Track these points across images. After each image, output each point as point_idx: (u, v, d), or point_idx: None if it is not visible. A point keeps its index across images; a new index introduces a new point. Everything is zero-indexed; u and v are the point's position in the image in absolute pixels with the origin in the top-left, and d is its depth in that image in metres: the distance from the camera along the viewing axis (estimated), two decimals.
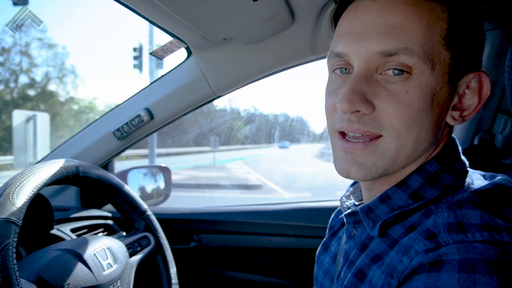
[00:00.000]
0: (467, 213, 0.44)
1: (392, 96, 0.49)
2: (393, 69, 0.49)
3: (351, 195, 0.71)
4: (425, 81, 0.49)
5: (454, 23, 0.50)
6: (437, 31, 0.49)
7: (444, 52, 0.50)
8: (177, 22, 0.88)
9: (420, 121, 0.50)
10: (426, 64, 0.48)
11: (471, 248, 0.41)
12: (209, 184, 10.48)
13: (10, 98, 21.14)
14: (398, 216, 0.53)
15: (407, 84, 0.49)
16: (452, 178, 0.53)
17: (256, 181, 10.77)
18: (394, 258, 0.49)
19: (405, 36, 0.48)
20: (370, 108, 0.50)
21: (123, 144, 1.31)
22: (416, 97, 0.49)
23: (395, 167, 0.52)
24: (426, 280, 0.42)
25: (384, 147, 0.51)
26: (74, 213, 1.26)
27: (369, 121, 0.50)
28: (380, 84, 0.50)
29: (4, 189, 0.68)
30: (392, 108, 0.49)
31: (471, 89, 0.53)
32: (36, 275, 0.70)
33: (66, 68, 26.24)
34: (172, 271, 1.07)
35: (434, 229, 0.45)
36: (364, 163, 0.52)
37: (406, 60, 0.48)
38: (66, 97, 23.70)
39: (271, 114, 21.28)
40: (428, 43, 0.48)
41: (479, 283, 0.38)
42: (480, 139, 1.11)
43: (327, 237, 0.76)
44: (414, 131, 0.50)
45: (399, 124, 0.49)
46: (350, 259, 0.58)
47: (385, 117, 0.50)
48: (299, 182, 10.62)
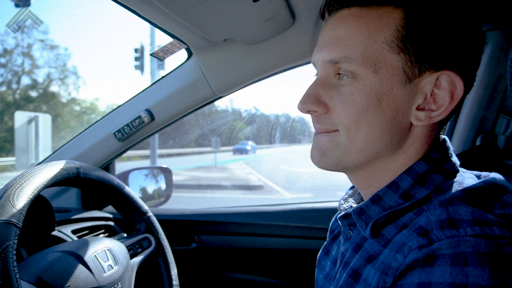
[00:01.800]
0: (459, 210, 0.45)
1: (341, 97, 0.55)
2: (342, 74, 0.55)
3: (349, 198, 0.72)
4: (368, 84, 0.53)
5: (410, 24, 0.52)
6: (379, 38, 0.53)
7: (390, 56, 0.53)
8: (177, 23, 0.88)
9: (367, 119, 0.54)
10: (367, 68, 0.53)
11: (462, 242, 0.42)
12: (211, 185, 10.49)
13: (12, 99, 21.21)
14: (390, 216, 0.54)
15: (353, 86, 0.54)
16: (441, 177, 0.54)
17: (258, 181, 10.77)
18: (388, 255, 0.50)
19: (346, 46, 0.54)
20: (323, 109, 0.57)
21: (124, 145, 1.31)
22: (359, 97, 0.54)
23: (349, 159, 0.57)
24: (420, 275, 0.43)
25: (339, 139, 0.57)
26: (75, 214, 1.26)
27: (324, 120, 0.58)
28: (335, 87, 0.56)
29: (5, 191, 0.68)
30: (339, 108, 0.55)
31: (442, 89, 0.53)
32: (36, 277, 0.70)
33: (68, 69, 26.29)
34: (173, 272, 1.07)
35: (427, 226, 0.46)
36: (322, 148, 0.59)
37: (347, 66, 0.54)
38: (68, 98, 23.77)
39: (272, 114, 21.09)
40: (369, 50, 0.53)
41: (471, 275, 0.39)
42: (482, 140, 1.11)
43: (327, 241, 0.76)
44: (363, 128, 0.55)
45: (347, 121, 0.55)
46: (345, 260, 0.59)
47: (335, 115, 0.56)
48: (300, 183, 10.62)
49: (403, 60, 0.52)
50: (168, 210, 1.52)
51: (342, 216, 0.63)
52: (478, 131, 1.12)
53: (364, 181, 0.61)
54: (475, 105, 1.10)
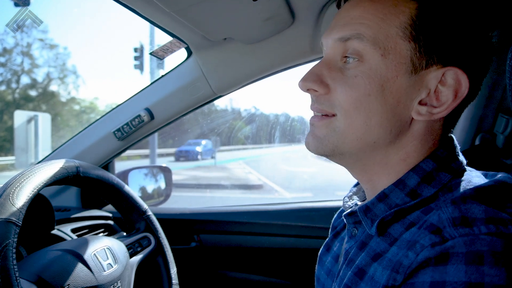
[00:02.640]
0: (472, 208, 0.45)
1: (344, 79, 0.54)
2: (349, 57, 0.54)
3: (353, 195, 0.71)
4: (374, 67, 0.52)
5: (422, 17, 0.52)
6: (394, 22, 0.52)
7: (402, 43, 0.52)
8: (177, 22, 0.88)
9: (368, 105, 0.53)
10: (376, 50, 0.52)
11: (477, 240, 0.41)
12: (210, 184, 10.49)
13: (11, 98, 21.19)
14: (396, 214, 0.53)
15: (357, 69, 0.53)
16: (448, 176, 0.53)
17: (257, 181, 10.77)
18: (396, 253, 0.49)
19: (359, 24, 0.53)
20: (323, 89, 0.56)
21: (124, 144, 1.31)
22: (362, 81, 0.53)
23: (345, 146, 0.56)
24: (433, 274, 0.42)
25: (336, 124, 0.56)
26: (75, 213, 1.26)
27: (324, 101, 0.56)
28: (340, 70, 0.55)
29: (4, 190, 0.68)
30: (341, 90, 0.54)
31: (447, 86, 0.52)
32: (36, 275, 0.70)
33: (68, 69, 26.25)
34: (173, 271, 1.07)
35: (439, 224, 0.45)
36: (318, 135, 0.58)
37: (357, 44, 0.53)
38: (67, 97, 23.74)
39: (272, 114, 21.04)
40: (382, 32, 0.52)
41: (487, 275, 0.39)
42: (481, 139, 1.11)
43: (329, 238, 0.76)
44: (362, 114, 0.53)
45: (347, 104, 0.54)
46: (349, 258, 0.59)
47: (335, 97, 0.55)
48: (300, 182, 10.62)
49: (413, 49, 0.52)
50: (167, 209, 1.52)
51: (347, 214, 0.62)
52: (477, 130, 1.12)
53: (363, 173, 0.60)
54: (474, 104, 1.10)
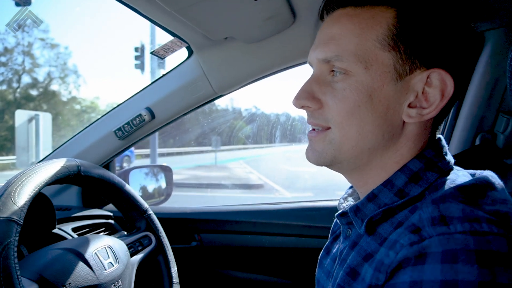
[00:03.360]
0: (450, 207, 0.46)
1: (334, 93, 0.57)
2: (336, 71, 0.57)
3: (348, 197, 0.73)
4: (360, 80, 0.55)
5: (402, 24, 0.53)
6: (371, 36, 0.54)
7: (382, 54, 0.54)
8: (178, 21, 0.88)
9: (359, 115, 0.55)
10: (358, 65, 0.54)
11: (452, 239, 0.42)
12: (211, 184, 10.49)
13: (12, 98, 21.20)
14: (385, 213, 0.55)
15: (345, 82, 0.56)
16: (435, 175, 0.55)
17: (258, 180, 10.77)
18: (382, 253, 0.51)
19: (337, 45, 0.56)
20: (316, 104, 0.58)
21: (125, 143, 1.31)
22: (351, 93, 0.55)
23: (343, 155, 0.58)
24: (412, 274, 0.43)
25: (331, 137, 0.58)
26: (76, 212, 1.26)
27: (318, 115, 0.59)
28: (329, 84, 0.58)
29: (6, 188, 0.68)
30: (332, 104, 0.57)
31: (433, 87, 0.54)
32: (37, 274, 0.70)
33: (68, 68, 26.22)
34: (173, 270, 1.07)
35: (419, 223, 0.47)
36: (316, 149, 0.61)
37: (339, 64, 0.55)
38: (68, 97, 23.72)
39: (272, 113, 20.97)
40: (360, 48, 0.54)
41: (461, 272, 0.40)
42: (481, 139, 1.11)
43: (329, 241, 0.77)
44: (355, 124, 0.56)
45: (339, 117, 0.56)
46: (342, 257, 0.60)
47: (328, 111, 0.58)
48: (300, 182, 10.61)
49: (394, 58, 0.54)
50: (168, 209, 1.52)
51: (339, 215, 0.64)
52: (477, 130, 1.12)
53: (360, 179, 0.62)
54: (475, 104, 1.10)
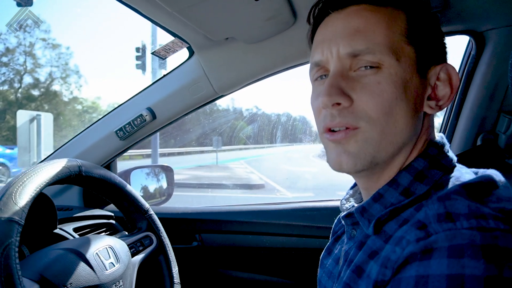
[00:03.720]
0: (456, 204, 0.46)
1: (367, 87, 0.54)
2: (364, 66, 0.55)
3: (350, 198, 0.73)
4: (394, 72, 0.54)
5: (412, 24, 0.56)
6: (396, 29, 0.55)
7: (407, 47, 0.55)
8: (179, 21, 0.88)
9: (396, 109, 0.54)
10: (391, 57, 0.54)
11: (459, 234, 0.42)
12: (212, 184, 10.49)
13: (14, 98, 21.25)
14: (391, 213, 0.55)
15: (378, 76, 0.54)
16: (440, 173, 0.55)
17: (259, 180, 10.76)
18: (388, 250, 0.51)
19: (367, 37, 0.54)
20: (348, 100, 0.54)
21: (126, 144, 1.31)
22: (388, 86, 0.53)
23: (382, 154, 0.55)
24: (418, 268, 0.43)
25: (366, 136, 0.55)
26: (77, 212, 1.26)
27: (348, 113, 0.55)
28: (355, 79, 0.55)
29: (7, 189, 0.68)
30: (367, 99, 0.54)
31: (442, 80, 0.58)
32: (38, 274, 0.70)
33: (70, 68, 26.27)
34: (174, 270, 1.07)
35: (425, 220, 0.47)
36: (351, 151, 0.56)
37: (370, 58, 0.54)
38: (69, 97, 23.76)
39: (273, 113, 20.92)
40: (390, 40, 0.54)
41: (467, 267, 0.40)
42: (483, 139, 1.11)
43: (330, 242, 0.77)
44: (391, 118, 0.54)
45: (375, 113, 0.54)
46: (349, 258, 0.60)
47: (361, 108, 0.54)
48: (301, 182, 10.61)
49: (416, 52, 0.56)
50: (169, 209, 1.52)
51: (345, 216, 0.63)
52: (479, 131, 1.12)
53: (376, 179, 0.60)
54: (476, 105, 1.10)
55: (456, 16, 0.96)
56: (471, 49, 1.12)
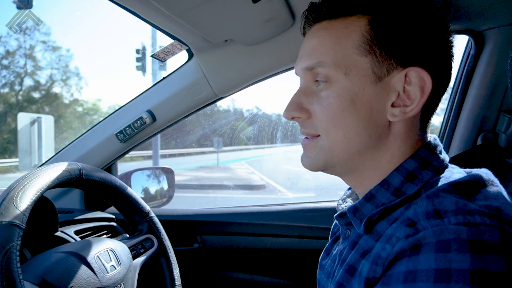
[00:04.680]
0: (444, 201, 0.47)
1: (319, 102, 0.60)
2: (319, 80, 0.60)
3: (347, 198, 0.74)
4: (341, 86, 0.57)
5: (376, 28, 0.56)
6: (347, 43, 0.57)
7: (359, 59, 0.57)
8: (178, 24, 0.89)
9: (343, 120, 0.58)
10: (338, 72, 0.57)
11: (446, 230, 0.44)
12: (213, 185, 10.49)
13: (15, 100, 21.29)
14: (383, 213, 0.56)
15: (328, 90, 0.58)
16: (430, 173, 0.57)
17: (260, 181, 10.76)
18: (379, 247, 0.52)
19: (319, 53, 0.59)
20: (305, 114, 0.61)
21: (126, 146, 1.32)
22: (334, 100, 0.58)
23: (334, 159, 0.61)
24: (407, 264, 0.44)
25: (321, 143, 0.61)
26: (78, 215, 1.26)
27: (307, 124, 0.62)
28: (315, 93, 0.61)
29: (8, 193, 0.68)
30: (319, 112, 0.60)
31: (412, 84, 0.56)
32: (40, 277, 0.70)
33: (70, 71, 26.36)
34: (176, 272, 1.07)
35: (414, 217, 0.48)
36: (309, 155, 0.63)
37: (321, 71, 0.58)
38: (70, 99, 23.82)
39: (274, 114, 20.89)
40: (339, 55, 0.57)
41: (453, 261, 0.41)
42: (483, 138, 1.11)
43: (329, 243, 0.78)
44: (341, 129, 0.58)
45: (326, 124, 0.59)
46: (342, 258, 0.62)
47: (316, 120, 0.60)
48: (302, 182, 10.60)
49: (371, 62, 0.56)
50: (170, 211, 1.53)
51: (338, 215, 0.65)
52: (479, 130, 1.12)
53: (356, 180, 0.64)
54: (476, 104, 1.10)
55: (455, 15, 0.96)
56: (470, 49, 1.12)
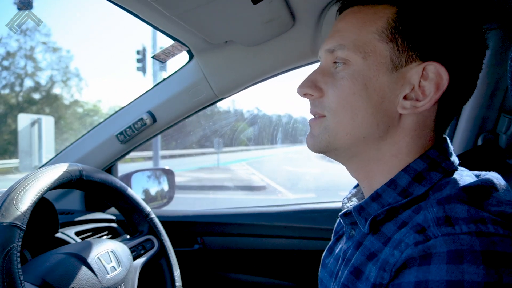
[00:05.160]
0: (455, 208, 0.46)
1: (334, 82, 0.60)
2: (337, 62, 0.60)
3: (352, 197, 0.73)
4: (357, 69, 0.57)
5: (402, 20, 0.56)
6: (371, 29, 0.57)
7: (380, 45, 0.57)
8: (178, 25, 0.89)
9: (353, 103, 0.58)
10: (357, 55, 0.57)
11: (457, 239, 0.43)
12: (213, 186, 10.49)
13: (15, 101, 21.30)
14: (389, 213, 0.55)
15: (344, 72, 0.59)
16: (439, 175, 0.55)
17: (260, 182, 10.76)
18: (387, 253, 0.51)
19: (341, 36, 0.60)
20: (317, 92, 0.61)
21: (126, 147, 1.32)
22: (347, 82, 0.58)
23: (337, 142, 0.60)
24: (417, 274, 0.43)
25: (326, 123, 0.61)
26: (78, 216, 1.26)
27: (318, 103, 0.62)
28: (332, 74, 0.61)
29: (9, 194, 0.68)
30: (330, 92, 0.60)
31: (428, 80, 0.55)
32: (40, 278, 0.70)
33: (71, 72, 26.41)
34: (176, 273, 1.07)
35: (424, 223, 0.47)
36: (313, 134, 0.63)
37: (340, 53, 0.59)
38: (70, 100, 23.85)
39: (274, 115, 20.88)
40: (360, 39, 0.58)
41: (467, 272, 0.40)
42: (483, 139, 1.11)
43: (332, 241, 0.77)
44: (349, 111, 0.58)
45: (334, 104, 0.59)
46: (347, 258, 0.61)
47: (326, 99, 0.60)
48: (303, 183, 10.60)
49: (391, 49, 0.56)
50: (170, 212, 1.53)
51: (343, 214, 0.64)
52: (479, 131, 1.12)
53: (359, 170, 0.64)
54: (476, 105, 1.10)
55: None
56: None
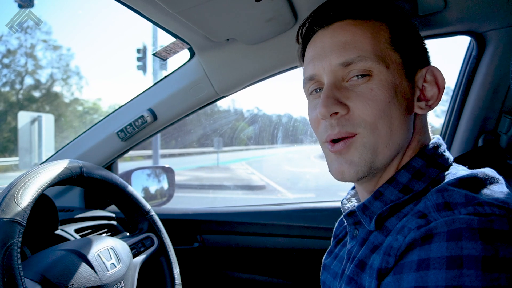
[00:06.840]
0: (453, 194, 0.49)
1: (361, 95, 0.57)
2: (356, 76, 0.58)
3: (352, 198, 0.74)
4: (384, 78, 0.57)
5: (395, 33, 0.61)
6: (381, 38, 0.59)
7: (393, 54, 0.59)
8: (180, 23, 0.89)
9: (389, 112, 0.57)
10: (381, 64, 0.58)
11: (457, 220, 0.45)
12: (213, 185, 10.49)
13: (15, 99, 21.30)
14: (392, 209, 0.58)
15: (370, 83, 0.57)
16: (437, 171, 0.58)
17: (260, 181, 10.76)
18: (390, 239, 0.53)
19: (356, 47, 0.58)
20: (345, 109, 0.58)
21: (127, 145, 1.32)
22: (380, 91, 0.57)
23: (379, 157, 0.58)
24: (419, 253, 0.46)
25: (363, 141, 0.58)
26: (78, 213, 1.26)
27: (345, 122, 0.58)
28: (349, 89, 0.59)
29: (9, 190, 0.68)
30: (362, 105, 0.57)
31: (428, 82, 0.62)
32: (40, 275, 0.70)
33: (71, 70, 26.41)
34: (176, 271, 1.07)
35: (425, 210, 0.50)
36: (352, 160, 0.58)
37: (363, 65, 0.57)
38: (70, 98, 23.84)
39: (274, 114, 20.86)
40: (377, 49, 0.58)
41: (465, 248, 0.42)
42: (484, 139, 1.11)
43: (332, 245, 0.78)
44: (386, 122, 0.57)
45: (371, 117, 0.57)
46: (352, 255, 0.62)
47: (358, 114, 0.57)
48: (302, 183, 10.60)
49: (402, 58, 0.60)
50: (170, 210, 1.53)
51: (347, 214, 0.65)
52: (480, 131, 1.12)
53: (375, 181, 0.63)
54: (477, 105, 1.10)
55: (456, 16, 0.96)
56: (472, 50, 1.12)
